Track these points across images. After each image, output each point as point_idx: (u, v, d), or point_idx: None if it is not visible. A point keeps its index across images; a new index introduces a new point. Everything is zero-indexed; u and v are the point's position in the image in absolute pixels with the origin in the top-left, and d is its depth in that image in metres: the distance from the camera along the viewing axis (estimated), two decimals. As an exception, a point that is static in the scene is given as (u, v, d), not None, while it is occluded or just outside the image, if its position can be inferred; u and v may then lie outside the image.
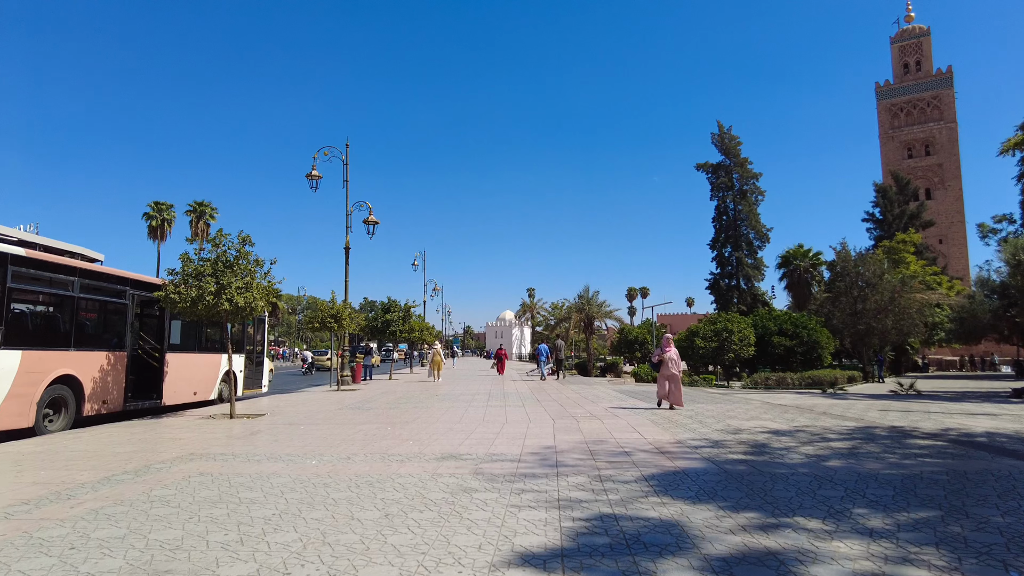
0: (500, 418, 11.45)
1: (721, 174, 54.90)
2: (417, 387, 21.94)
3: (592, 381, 26.81)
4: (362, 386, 22.97)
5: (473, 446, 8.03)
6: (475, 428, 9.98)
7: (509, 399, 15.85)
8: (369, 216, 24.52)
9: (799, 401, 15.53)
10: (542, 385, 22.21)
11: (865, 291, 30.75)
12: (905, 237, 49.27)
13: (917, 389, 18.59)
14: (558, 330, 48.54)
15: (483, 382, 24.29)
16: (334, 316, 19.88)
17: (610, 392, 18.34)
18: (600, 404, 14.20)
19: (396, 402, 15.46)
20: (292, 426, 10.89)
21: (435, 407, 13.96)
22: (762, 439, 8.46)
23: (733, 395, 17.99)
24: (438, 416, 11.99)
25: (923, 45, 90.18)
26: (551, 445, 8.03)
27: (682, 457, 7.02)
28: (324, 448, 8.10)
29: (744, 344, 27.29)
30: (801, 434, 8.95)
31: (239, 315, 12.74)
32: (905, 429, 9.59)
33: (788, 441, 8.22)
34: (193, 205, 66.80)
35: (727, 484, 5.52)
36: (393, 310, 27.07)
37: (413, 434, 9.36)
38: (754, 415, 11.71)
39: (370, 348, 29.72)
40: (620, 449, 7.66)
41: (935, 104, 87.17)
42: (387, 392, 19.31)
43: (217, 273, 12.26)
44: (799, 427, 9.77)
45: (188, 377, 15.43)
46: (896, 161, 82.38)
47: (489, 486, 5.56)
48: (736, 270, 53.88)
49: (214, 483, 5.92)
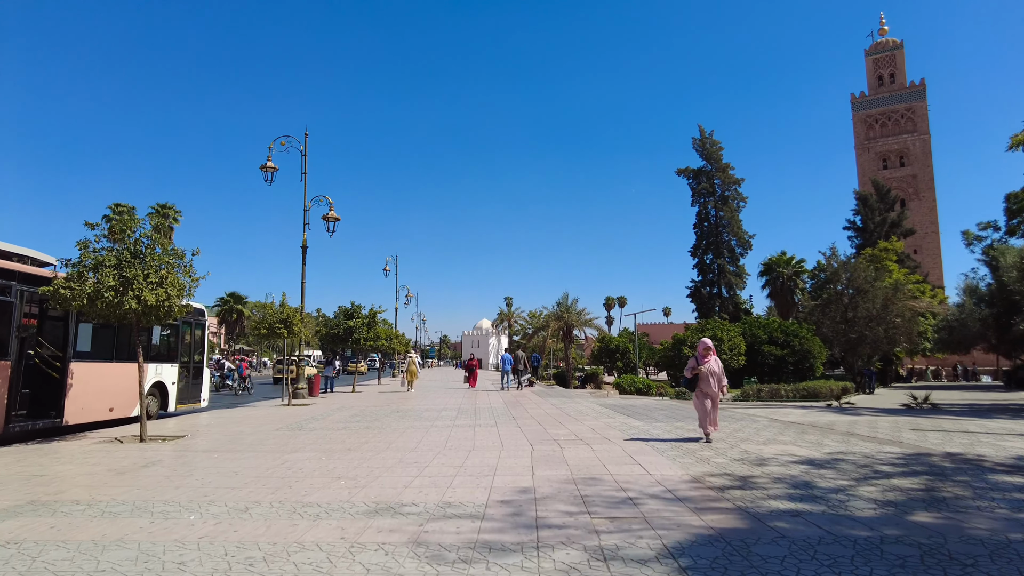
0: (466, 443, 9.40)
1: (703, 179, 53.74)
2: (379, 401, 19.74)
3: (572, 393, 24.85)
4: (318, 400, 20.69)
5: (423, 489, 5.98)
6: (433, 458, 7.91)
7: (480, 416, 13.80)
8: (329, 212, 22.33)
9: (809, 417, 13.75)
10: (518, 398, 20.18)
11: (856, 298, 29.40)
12: (887, 245, 48.54)
13: (932, 402, 17.03)
14: (536, 339, 46.55)
15: (454, 395, 22.15)
16: (283, 321, 17.61)
17: (594, 407, 16.38)
18: (585, 423, 12.23)
19: (348, 421, 13.30)
20: (206, 454, 8.71)
21: (391, 427, 11.84)
22: (798, 473, 6.56)
23: (731, 410, 16.16)
24: (391, 440, 9.88)
25: (896, 58, 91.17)
26: (528, 487, 6.01)
27: (709, 508, 5.07)
28: (223, 492, 5.98)
29: (735, 353, 25.62)
30: (844, 465, 7.07)
31: (152, 316, 10.52)
32: (969, 457, 7.80)
33: (834, 477, 6.33)
34: (156, 208, 63.56)
35: (798, 564, 3.57)
36: (356, 316, 24.79)
37: (351, 468, 7.26)
38: (769, 437, 9.84)
39: (332, 358, 27.35)
40: (621, 493, 5.68)
41: (909, 116, 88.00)
42: (343, 407, 17.09)
43: (122, 265, 10.04)
44: (834, 454, 7.91)
45: (102, 391, 13.08)
46: (872, 172, 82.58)
47: (431, 572, 3.53)
48: (718, 277, 52.62)
49: (6, 564, 3.80)
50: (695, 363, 9.32)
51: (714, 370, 9.21)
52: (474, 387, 25.52)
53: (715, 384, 9.17)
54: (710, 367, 9.22)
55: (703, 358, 9.32)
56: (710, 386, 9.16)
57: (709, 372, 9.18)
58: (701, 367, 9.20)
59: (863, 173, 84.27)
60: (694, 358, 9.41)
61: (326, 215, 22.37)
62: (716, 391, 9.18)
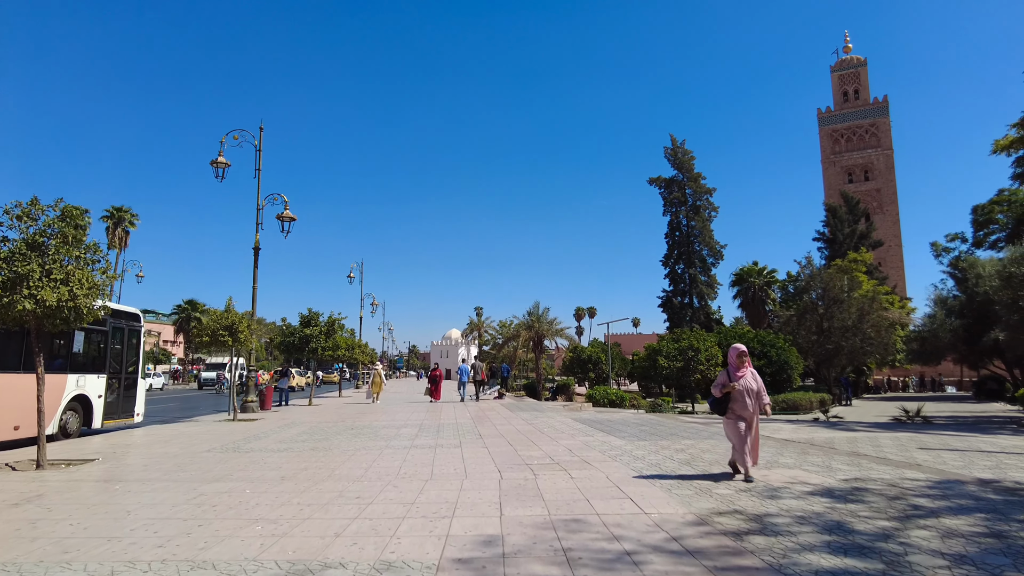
0: (424, 469, 8.03)
1: (674, 189, 53.38)
2: (335, 415, 18.16)
3: (543, 406, 23.58)
4: (269, 414, 18.99)
5: (359, 539, 4.62)
6: (380, 491, 6.54)
7: (443, 434, 12.41)
8: (284, 211, 20.76)
9: (802, 433, 12.75)
10: (485, 412, 18.82)
11: (831, 309, 28.91)
12: (857, 256, 48.75)
13: (925, 416, 16.27)
14: (506, 349, 45.22)
15: (417, 409, 20.67)
16: (228, 328, 15.95)
17: (569, 423, 15.13)
18: (560, 441, 10.96)
19: (293, 440, 11.78)
20: (106, 485, 7.18)
21: (340, 448, 10.39)
22: (822, 509, 5.40)
23: (715, 425, 15.09)
24: (336, 465, 8.46)
25: (860, 75, 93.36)
26: (494, 535, 4.69)
27: (733, 567, 3.84)
28: (94, 545, 4.54)
29: (712, 363, 24.73)
30: (870, 497, 5.94)
31: (56, 319, 8.92)
32: (1008, 485, 6.73)
33: (869, 515, 5.18)
34: (111, 211, 60.70)
35: None
36: (314, 324, 23.14)
37: (276, 506, 5.85)
38: (769, 458, 8.71)
39: (288, 369, 25.55)
40: (615, 544, 4.41)
41: (873, 131, 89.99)
42: (293, 423, 15.50)
43: (14, 259, 8.44)
44: (851, 482, 6.79)
45: (2, 406, 11.35)
46: (838, 185, 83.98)
47: None
48: (689, 287, 52.15)
49: None
50: (726, 378, 7.17)
51: (751, 386, 7.05)
52: (438, 400, 24.02)
53: (752, 403, 7.01)
54: (746, 383, 7.04)
55: (736, 370, 7.17)
56: (746, 407, 6.98)
57: (745, 390, 7.01)
58: (734, 384, 7.03)
59: (829, 186, 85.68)
60: (724, 371, 7.28)
61: (281, 214, 20.81)
62: (753, 412, 7.01)
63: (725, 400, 7.12)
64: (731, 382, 7.08)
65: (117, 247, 59.06)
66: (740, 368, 7.19)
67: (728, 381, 7.12)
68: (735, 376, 7.14)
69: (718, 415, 7.35)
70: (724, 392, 7.11)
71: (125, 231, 61.64)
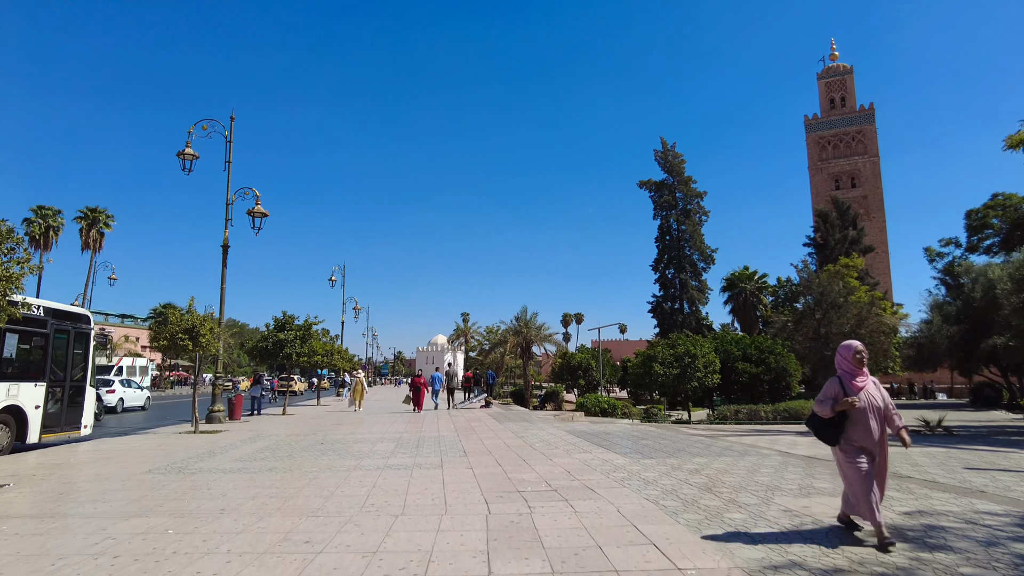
0: (396, 498, 6.69)
1: (665, 192, 52.50)
2: (307, 427, 16.70)
3: (533, 415, 22.25)
4: (236, 425, 17.48)
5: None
6: (336, 533, 5.19)
7: (423, 450, 11.06)
8: (256, 206, 19.33)
9: (824, 449, 11.55)
10: (471, 423, 17.47)
11: (829, 314, 27.95)
12: (848, 262, 48.09)
13: (947, 427, 15.19)
14: (493, 355, 43.83)
15: (398, 420, 19.26)
16: (188, 331, 14.47)
17: (563, 435, 13.83)
18: (556, 460, 9.66)
19: (252, 457, 10.36)
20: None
21: (303, 469, 9.00)
22: (907, 563, 4.16)
23: (722, 438, 13.88)
24: (293, 492, 7.08)
25: (847, 82, 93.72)
26: (481, 614, 3.39)
27: None
28: None
29: (709, 371, 23.59)
30: (956, 541, 4.70)
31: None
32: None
33: (973, 571, 3.95)
34: (85, 211, 58.53)
35: None
36: (288, 327, 21.66)
37: (193, 559, 4.49)
38: (802, 483, 7.49)
39: (261, 376, 24.01)
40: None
41: (859, 138, 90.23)
42: (259, 436, 14.06)
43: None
44: (918, 516, 5.57)
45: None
46: (825, 192, 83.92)
47: None
48: (680, 293, 51.20)
49: None
50: (838, 388, 4.91)
51: (876, 401, 4.83)
52: (421, 411, 22.57)
53: (878, 427, 4.80)
54: (869, 394, 4.85)
55: (852, 377, 4.92)
56: (870, 433, 4.76)
57: (869, 407, 4.80)
58: (853, 399, 4.76)
59: (817, 193, 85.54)
60: (835, 380, 5.00)
61: (252, 210, 19.38)
62: (880, 441, 4.81)
63: (838, 423, 4.87)
64: (847, 395, 4.84)
65: (92, 249, 57.01)
66: (858, 374, 4.92)
67: (842, 393, 4.87)
68: (851, 386, 4.87)
69: (826, 443, 5.01)
70: (840, 410, 4.84)
71: (100, 232, 59.51)
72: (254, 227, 19.27)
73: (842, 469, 4.98)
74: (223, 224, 18.37)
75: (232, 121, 19.67)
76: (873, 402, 4.84)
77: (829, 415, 4.88)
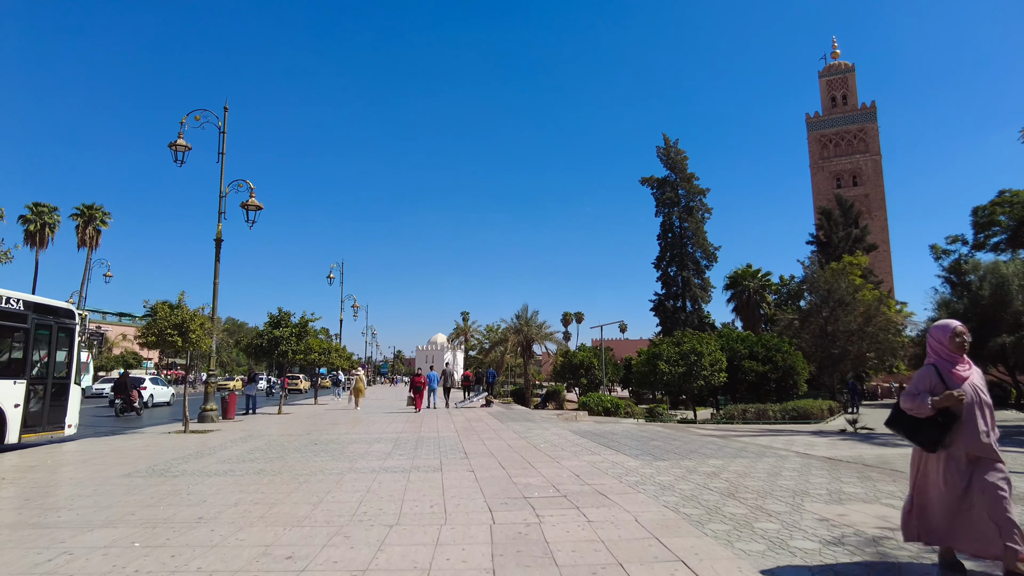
0: (391, 505, 6.13)
1: (667, 189, 51.93)
2: (302, 426, 16.14)
3: (535, 415, 21.70)
4: (230, 424, 16.92)
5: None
6: (322, 547, 4.62)
7: (422, 452, 10.50)
8: (250, 199, 18.75)
9: (840, 449, 11.02)
10: (472, 423, 16.92)
11: (836, 311, 27.41)
12: (852, 260, 47.66)
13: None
14: (493, 354, 43.31)
15: (396, 419, 18.70)
16: (177, 326, 13.91)
17: (567, 435, 13.28)
18: (563, 462, 9.09)
19: (241, 459, 9.79)
20: (-53, 534, 5.18)
21: (293, 472, 8.43)
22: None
23: (734, 439, 13.31)
24: (279, 498, 6.51)
25: (848, 80, 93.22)
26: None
27: None
28: None
29: (716, 369, 23.05)
30: None
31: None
32: None
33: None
34: (81, 208, 57.92)
35: None
36: (284, 325, 21.09)
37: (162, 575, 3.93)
38: (830, 487, 6.93)
39: (256, 374, 23.43)
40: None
41: (861, 137, 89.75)
42: (252, 436, 13.49)
43: None
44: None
45: None
46: (826, 190, 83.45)
47: None
48: (683, 290, 50.64)
49: None
50: (936, 378, 3.81)
51: (985, 396, 3.76)
52: (420, 410, 22.01)
53: (989, 427, 3.69)
54: (975, 387, 3.77)
55: (952, 366, 3.84)
56: (976, 434, 3.66)
57: (979, 402, 3.72)
58: (959, 391, 3.68)
59: (818, 192, 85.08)
60: (929, 369, 3.87)
61: (246, 202, 18.81)
62: (991, 440, 3.67)
63: (944, 423, 3.72)
64: (947, 387, 3.75)
65: (88, 246, 56.43)
66: (959, 361, 3.85)
67: (941, 385, 3.77)
68: (952, 377, 3.78)
69: (925, 449, 3.82)
70: (940, 407, 3.71)
71: (96, 230, 58.91)
72: (247, 220, 18.69)
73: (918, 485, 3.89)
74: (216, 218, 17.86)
75: (226, 111, 19.11)
76: (983, 397, 3.74)
77: (928, 413, 3.71)
